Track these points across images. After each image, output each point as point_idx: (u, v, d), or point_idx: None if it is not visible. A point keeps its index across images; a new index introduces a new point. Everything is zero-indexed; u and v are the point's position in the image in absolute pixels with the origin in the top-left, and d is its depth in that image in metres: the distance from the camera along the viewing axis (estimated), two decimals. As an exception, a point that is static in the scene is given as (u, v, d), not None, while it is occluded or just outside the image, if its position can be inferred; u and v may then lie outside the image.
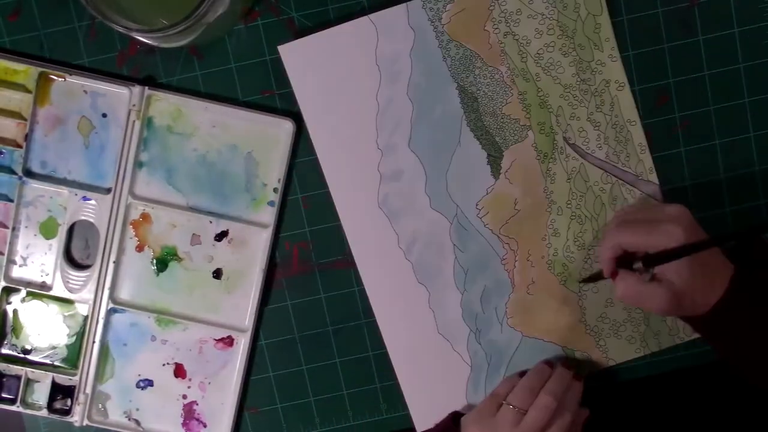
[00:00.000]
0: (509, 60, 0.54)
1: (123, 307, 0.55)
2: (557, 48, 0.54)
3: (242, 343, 0.55)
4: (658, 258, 0.47)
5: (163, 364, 0.56)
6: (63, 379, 0.55)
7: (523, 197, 0.55)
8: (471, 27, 0.54)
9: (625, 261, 0.49)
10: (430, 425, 0.55)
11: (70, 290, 0.55)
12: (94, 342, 0.55)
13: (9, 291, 0.55)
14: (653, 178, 0.55)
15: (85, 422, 0.55)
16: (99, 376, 0.56)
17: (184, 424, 0.56)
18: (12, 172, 0.55)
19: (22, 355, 0.56)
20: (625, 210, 0.54)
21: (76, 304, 0.56)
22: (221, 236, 0.55)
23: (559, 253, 0.55)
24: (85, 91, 0.55)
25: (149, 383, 0.56)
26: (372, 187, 0.55)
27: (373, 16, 0.53)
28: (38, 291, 0.55)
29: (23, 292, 0.55)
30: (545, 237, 0.55)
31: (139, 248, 0.55)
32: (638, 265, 0.48)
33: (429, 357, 0.55)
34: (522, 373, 0.54)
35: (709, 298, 0.47)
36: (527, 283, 0.55)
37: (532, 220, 0.55)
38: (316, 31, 0.53)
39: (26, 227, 0.55)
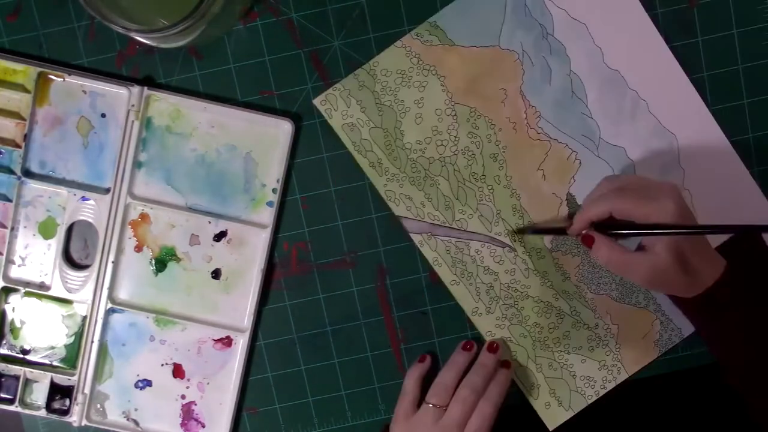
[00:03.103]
0: None
1: (122, 307, 0.55)
2: None
3: (241, 344, 0.55)
4: (648, 228, 0.46)
5: (162, 364, 0.56)
6: (62, 379, 0.55)
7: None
8: None
9: (602, 227, 0.48)
10: None
11: (69, 290, 0.55)
12: (92, 342, 0.55)
13: (8, 291, 0.55)
14: None
15: (84, 422, 0.55)
16: (97, 376, 0.56)
17: (182, 424, 0.56)
18: (11, 172, 0.55)
19: (20, 355, 0.56)
20: (617, 178, 0.52)
21: (75, 304, 0.55)
22: (220, 236, 0.55)
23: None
24: (84, 91, 0.55)
25: (148, 383, 0.56)
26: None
27: None
28: (37, 291, 0.55)
29: (22, 292, 0.55)
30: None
31: (138, 248, 0.55)
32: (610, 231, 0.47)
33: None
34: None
35: (699, 283, 0.47)
36: None
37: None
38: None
39: (25, 227, 0.55)
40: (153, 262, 0.55)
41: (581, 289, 0.55)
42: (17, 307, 0.56)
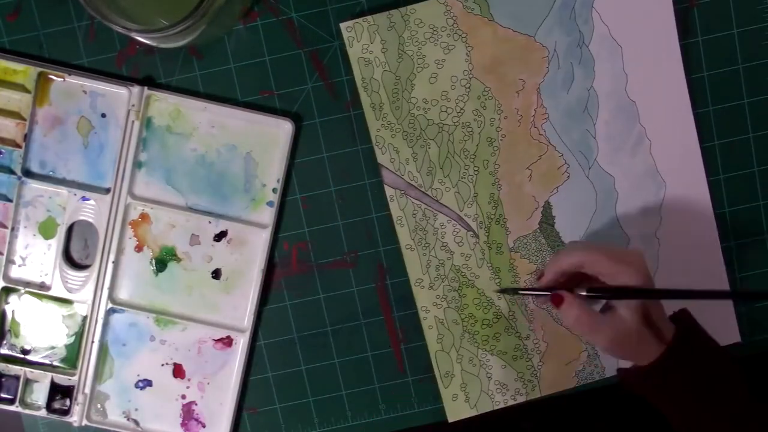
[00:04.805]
0: None
1: (122, 307, 0.55)
2: None
3: (241, 344, 0.55)
4: (622, 292, 0.46)
5: (162, 364, 0.56)
6: (62, 379, 0.55)
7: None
8: None
9: (569, 286, 0.48)
10: None
11: (69, 290, 0.55)
12: (93, 342, 0.55)
13: (8, 291, 0.55)
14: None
15: (84, 422, 0.55)
16: (98, 376, 0.56)
17: (182, 425, 0.56)
18: (11, 172, 0.55)
19: (21, 355, 0.56)
20: (583, 241, 0.52)
21: (75, 304, 0.56)
22: (220, 236, 0.55)
23: None
24: (85, 91, 0.55)
25: (148, 383, 0.56)
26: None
27: None
28: (37, 291, 0.55)
29: (22, 292, 0.55)
30: None
31: (138, 248, 0.55)
32: (582, 292, 0.47)
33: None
34: None
35: (652, 349, 0.46)
36: None
37: None
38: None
39: (25, 227, 0.55)
40: (153, 262, 0.55)
41: (525, 297, 0.55)
42: (17, 307, 0.56)
